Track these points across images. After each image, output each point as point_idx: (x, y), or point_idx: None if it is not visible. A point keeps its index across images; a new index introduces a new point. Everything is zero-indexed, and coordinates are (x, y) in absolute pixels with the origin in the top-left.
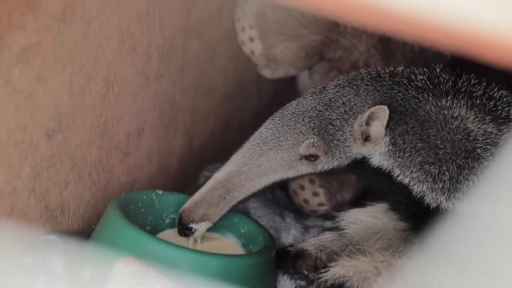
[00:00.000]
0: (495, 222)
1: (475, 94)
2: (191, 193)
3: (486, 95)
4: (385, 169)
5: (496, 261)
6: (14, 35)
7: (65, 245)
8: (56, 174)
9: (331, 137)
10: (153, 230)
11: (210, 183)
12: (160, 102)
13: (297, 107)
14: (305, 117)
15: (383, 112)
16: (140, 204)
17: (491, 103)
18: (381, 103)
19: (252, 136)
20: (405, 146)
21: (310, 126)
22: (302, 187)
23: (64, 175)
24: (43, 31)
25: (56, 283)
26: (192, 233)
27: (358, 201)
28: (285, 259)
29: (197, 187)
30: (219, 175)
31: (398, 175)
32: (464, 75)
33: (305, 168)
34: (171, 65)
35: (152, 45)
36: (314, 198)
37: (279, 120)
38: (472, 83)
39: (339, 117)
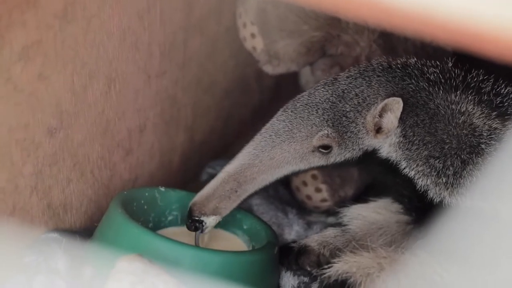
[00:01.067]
0: (498, 217)
1: (483, 90)
2: (193, 189)
3: (494, 91)
4: (393, 161)
5: (499, 256)
6: (15, 33)
7: (67, 243)
8: (58, 172)
9: (344, 128)
10: (156, 227)
11: (221, 176)
12: (161, 99)
13: (309, 98)
14: (319, 108)
15: (397, 104)
16: (142, 201)
17: (498, 99)
18: (394, 94)
19: (263, 128)
20: (414, 138)
21: (324, 118)
22: (305, 183)
23: (66, 173)
24: (44, 29)
25: (57, 281)
26: (202, 226)
27: (361, 197)
28: (288, 255)
29: (199, 184)
30: (230, 168)
31: (404, 168)
32: (473, 70)
33: (317, 160)
34: (172, 62)
35: (154, 42)
36: (317, 194)
37: (292, 112)
38: (480, 78)
39: (352, 109)
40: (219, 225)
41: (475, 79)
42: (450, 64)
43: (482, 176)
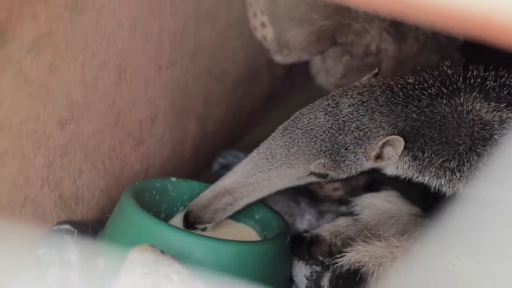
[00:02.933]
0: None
1: (487, 85)
2: (204, 179)
3: (498, 83)
4: (403, 176)
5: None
6: (25, 25)
7: (79, 234)
8: (70, 163)
9: (342, 158)
10: (167, 218)
11: (217, 189)
12: (172, 89)
13: (308, 124)
14: (317, 140)
15: (398, 143)
16: (154, 192)
17: (504, 90)
18: (396, 126)
19: (261, 145)
20: (425, 155)
21: (321, 149)
22: None
23: (77, 164)
24: (54, 20)
25: (70, 272)
26: (199, 229)
27: (373, 186)
28: (300, 245)
29: (211, 174)
30: (227, 183)
31: (417, 177)
32: (473, 67)
33: (314, 179)
34: (183, 52)
35: (164, 32)
36: (329, 183)
37: (289, 137)
38: (482, 74)
39: (352, 141)
40: (230, 215)
41: (477, 77)
42: (448, 70)
43: (497, 166)
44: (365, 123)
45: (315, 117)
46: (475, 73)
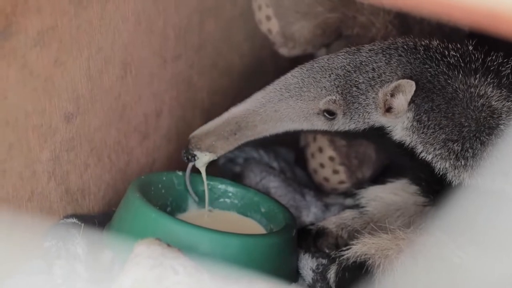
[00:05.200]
0: None
1: (502, 73)
2: (210, 173)
3: None
4: (408, 145)
5: None
6: (31, 19)
7: (85, 227)
8: (76, 157)
9: (353, 99)
10: (174, 212)
11: (225, 116)
12: (177, 83)
13: (327, 62)
14: (332, 73)
15: (409, 87)
16: (160, 186)
17: None
18: (411, 77)
19: (277, 79)
20: (430, 123)
21: (334, 84)
22: (322, 165)
23: (83, 158)
24: (59, 14)
25: (77, 265)
26: (194, 159)
27: (379, 178)
28: (306, 237)
29: (217, 168)
30: (235, 110)
31: (421, 152)
32: (492, 52)
33: (321, 124)
34: (188, 45)
35: (168, 26)
36: (334, 176)
37: (307, 70)
38: (500, 61)
39: (365, 81)
40: (237, 209)
41: (495, 62)
42: (470, 47)
43: (503, 157)
44: (380, 66)
45: (335, 56)
46: (493, 57)
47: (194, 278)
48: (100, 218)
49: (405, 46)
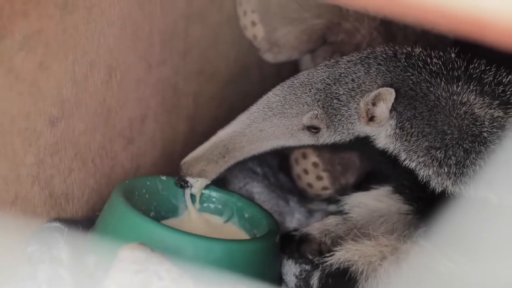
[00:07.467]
0: (502, 205)
1: (485, 80)
2: None
3: (496, 81)
4: (391, 152)
5: (504, 246)
6: (17, 23)
7: (69, 232)
8: (60, 161)
9: (335, 111)
10: (157, 216)
11: (212, 140)
12: (163, 88)
13: (307, 77)
14: (312, 88)
15: (389, 95)
16: (144, 191)
17: (500, 88)
18: (391, 85)
19: (260, 99)
20: (412, 130)
21: (315, 98)
22: (306, 171)
23: (68, 162)
24: (45, 18)
25: (60, 270)
26: (188, 186)
27: (362, 185)
28: (290, 243)
29: None
30: (222, 134)
31: (404, 159)
32: (475, 60)
33: (307, 138)
34: (174, 50)
35: (154, 31)
36: (318, 182)
37: (288, 87)
38: (482, 68)
39: (345, 92)
40: (220, 214)
41: (477, 70)
42: (453, 55)
43: (486, 165)
44: (360, 76)
45: (314, 70)
46: (476, 64)
47: (179, 284)
48: (84, 223)
49: (384, 55)
